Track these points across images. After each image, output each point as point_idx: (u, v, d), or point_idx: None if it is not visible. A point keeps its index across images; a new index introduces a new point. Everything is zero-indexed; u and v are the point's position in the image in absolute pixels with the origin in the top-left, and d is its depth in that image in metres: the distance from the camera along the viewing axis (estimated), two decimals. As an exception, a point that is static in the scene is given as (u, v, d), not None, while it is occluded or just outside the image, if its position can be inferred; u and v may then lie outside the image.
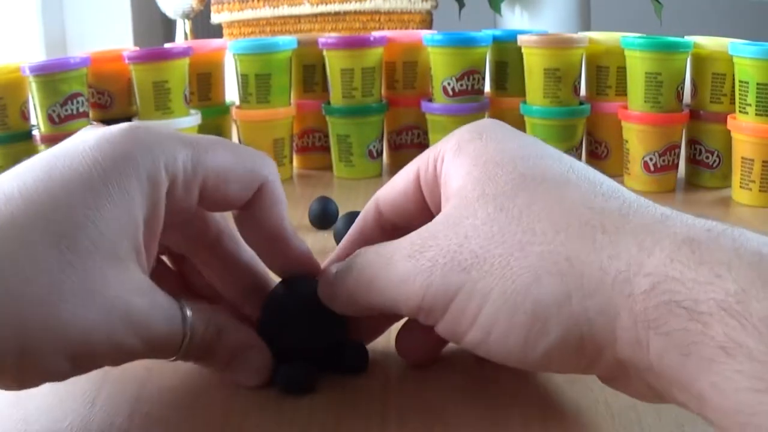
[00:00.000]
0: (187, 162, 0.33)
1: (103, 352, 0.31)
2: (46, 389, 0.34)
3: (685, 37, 0.70)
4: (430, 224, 0.33)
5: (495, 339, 0.31)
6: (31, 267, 0.29)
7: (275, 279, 0.39)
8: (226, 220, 0.39)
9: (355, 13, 1.33)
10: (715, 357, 0.25)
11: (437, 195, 0.36)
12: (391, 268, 0.33)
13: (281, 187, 0.37)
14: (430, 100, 0.77)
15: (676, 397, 0.28)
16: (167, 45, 0.78)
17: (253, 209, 0.36)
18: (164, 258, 0.40)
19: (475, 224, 0.32)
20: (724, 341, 0.25)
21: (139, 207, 0.32)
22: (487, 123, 0.37)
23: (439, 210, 0.35)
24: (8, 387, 0.32)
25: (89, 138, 0.32)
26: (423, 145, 0.80)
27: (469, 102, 0.76)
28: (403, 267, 0.33)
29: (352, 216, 0.55)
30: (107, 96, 0.75)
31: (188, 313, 0.34)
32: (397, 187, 0.38)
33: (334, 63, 0.76)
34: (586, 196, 0.31)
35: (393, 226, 0.38)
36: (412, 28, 1.33)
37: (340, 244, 0.40)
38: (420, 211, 0.37)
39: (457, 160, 0.34)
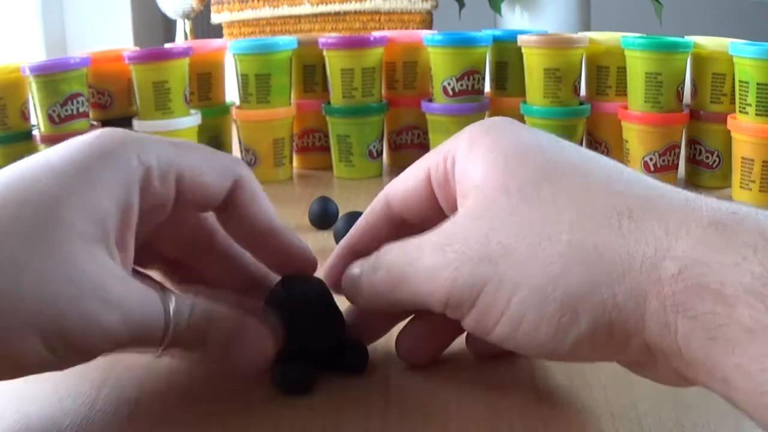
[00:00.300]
0: (161, 155, 0.34)
1: (77, 330, 0.30)
2: (47, 390, 0.34)
3: (685, 37, 0.70)
4: (453, 219, 0.33)
5: (524, 331, 0.31)
6: None
7: (275, 275, 0.39)
8: (215, 221, 0.38)
9: (355, 13, 1.33)
10: (740, 339, 0.26)
11: (449, 193, 0.36)
12: (417, 263, 0.33)
13: (257, 183, 0.37)
14: (430, 100, 0.77)
15: (702, 381, 0.28)
16: (167, 45, 0.78)
17: (234, 207, 0.36)
18: (159, 272, 0.40)
19: (500, 216, 0.31)
20: (750, 323, 0.25)
21: (109, 193, 0.32)
22: (497, 119, 0.36)
23: (450, 208, 0.35)
24: None
25: (67, 141, 0.33)
26: (423, 145, 0.80)
27: (469, 102, 0.76)
28: (430, 261, 0.33)
29: (352, 216, 0.55)
30: (107, 96, 0.75)
31: (171, 299, 0.33)
32: (407, 184, 0.38)
33: (334, 63, 0.76)
34: (609, 183, 0.31)
35: (402, 221, 0.38)
36: (412, 28, 1.33)
37: (348, 233, 0.39)
38: (431, 209, 0.37)
39: (472, 155, 0.34)
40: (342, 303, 0.39)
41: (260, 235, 0.37)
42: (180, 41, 1.37)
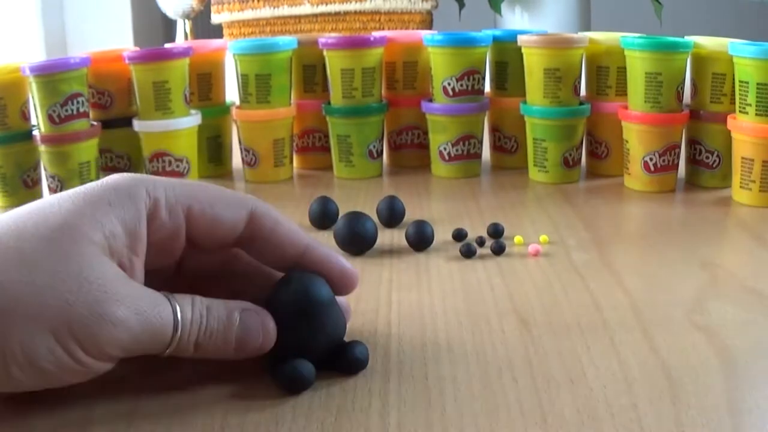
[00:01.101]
0: (168, 189, 0.36)
1: (86, 323, 0.32)
2: (46, 396, 0.34)
3: (685, 37, 0.70)
4: None
5: None
6: (14, 249, 0.32)
7: None
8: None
9: (356, 13, 1.33)
10: None
11: None
12: None
13: (275, 211, 0.38)
14: (430, 100, 0.77)
15: None
16: (167, 45, 0.78)
17: (259, 237, 0.38)
18: None
19: None
20: None
21: (118, 216, 0.34)
22: None
23: None
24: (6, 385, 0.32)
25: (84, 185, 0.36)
26: (423, 145, 0.80)
27: (469, 102, 0.76)
28: None
29: (352, 216, 0.55)
30: (107, 96, 0.75)
31: (173, 296, 0.35)
32: None
33: (335, 63, 0.76)
34: None
35: None
36: (412, 28, 1.33)
37: None
38: None
39: None
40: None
41: (295, 257, 0.38)
42: (180, 41, 1.37)
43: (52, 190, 0.70)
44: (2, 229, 0.33)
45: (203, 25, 1.52)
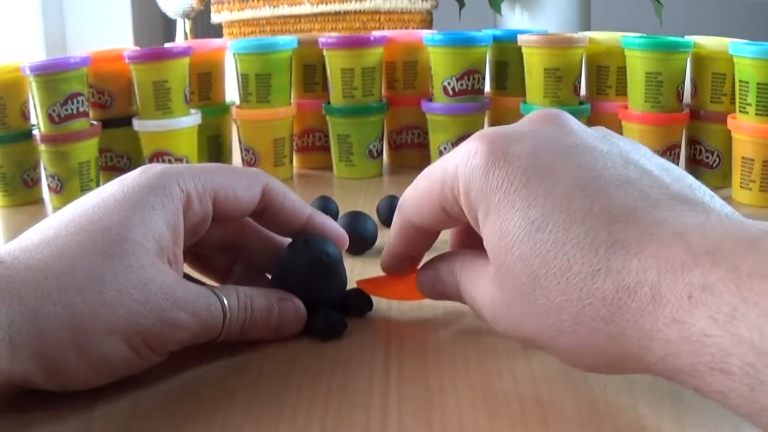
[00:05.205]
0: (197, 180, 0.39)
1: (154, 329, 0.35)
2: (44, 404, 0.34)
3: (685, 37, 0.70)
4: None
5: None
6: (81, 268, 0.34)
7: None
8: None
9: (356, 12, 1.33)
10: None
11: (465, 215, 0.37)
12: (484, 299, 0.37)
13: (282, 184, 0.43)
14: (431, 99, 0.77)
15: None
16: (167, 45, 0.78)
17: (270, 209, 0.42)
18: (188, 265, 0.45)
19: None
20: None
21: (162, 218, 0.37)
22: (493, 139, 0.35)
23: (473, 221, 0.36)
24: (74, 382, 0.35)
25: (113, 182, 0.39)
26: (423, 145, 0.80)
27: (469, 102, 0.76)
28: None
29: (352, 216, 0.55)
30: (107, 96, 0.75)
31: (220, 291, 0.39)
32: (422, 212, 0.39)
33: (335, 63, 0.76)
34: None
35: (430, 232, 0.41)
36: (412, 28, 1.33)
37: (392, 248, 0.43)
38: (452, 223, 0.39)
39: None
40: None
41: (300, 223, 0.43)
42: (180, 41, 1.38)
43: (52, 190, 0.70)
44: (66, 247, 0.35)
45: (203, 25, 1.53)
